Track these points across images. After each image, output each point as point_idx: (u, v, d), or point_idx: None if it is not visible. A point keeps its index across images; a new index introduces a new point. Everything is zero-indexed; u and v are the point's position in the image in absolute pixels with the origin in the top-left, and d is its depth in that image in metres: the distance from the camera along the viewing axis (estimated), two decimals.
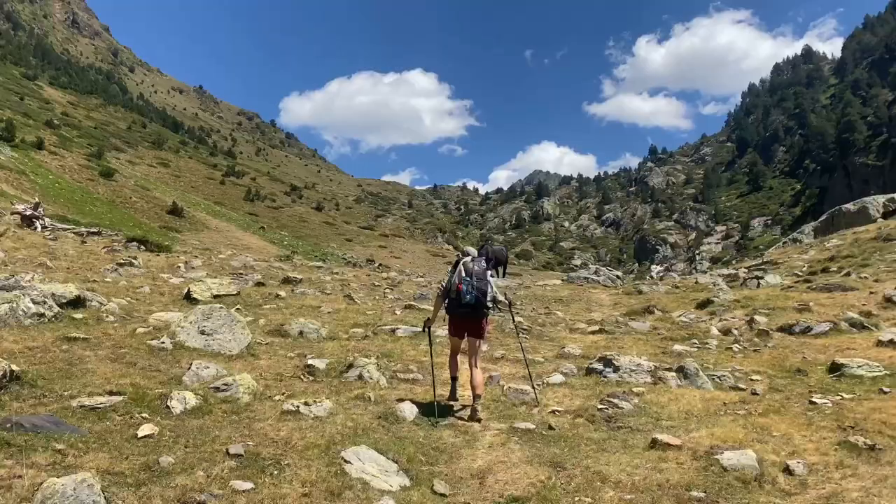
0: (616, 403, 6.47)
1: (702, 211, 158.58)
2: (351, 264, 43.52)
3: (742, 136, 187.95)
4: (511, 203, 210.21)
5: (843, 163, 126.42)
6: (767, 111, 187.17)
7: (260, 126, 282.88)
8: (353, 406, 6.24)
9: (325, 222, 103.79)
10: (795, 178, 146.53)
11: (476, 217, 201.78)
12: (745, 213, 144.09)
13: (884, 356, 8.78)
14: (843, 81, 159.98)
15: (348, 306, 12.64)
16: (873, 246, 20.10)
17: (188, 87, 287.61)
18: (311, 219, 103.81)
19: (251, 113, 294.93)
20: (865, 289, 14.00)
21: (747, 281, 17.28)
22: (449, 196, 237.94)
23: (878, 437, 5.45)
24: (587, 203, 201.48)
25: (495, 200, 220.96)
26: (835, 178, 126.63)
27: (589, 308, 15.17)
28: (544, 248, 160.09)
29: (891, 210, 27.26)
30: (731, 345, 10.13)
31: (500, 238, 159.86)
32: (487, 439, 5.68)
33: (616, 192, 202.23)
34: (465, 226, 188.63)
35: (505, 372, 8.23)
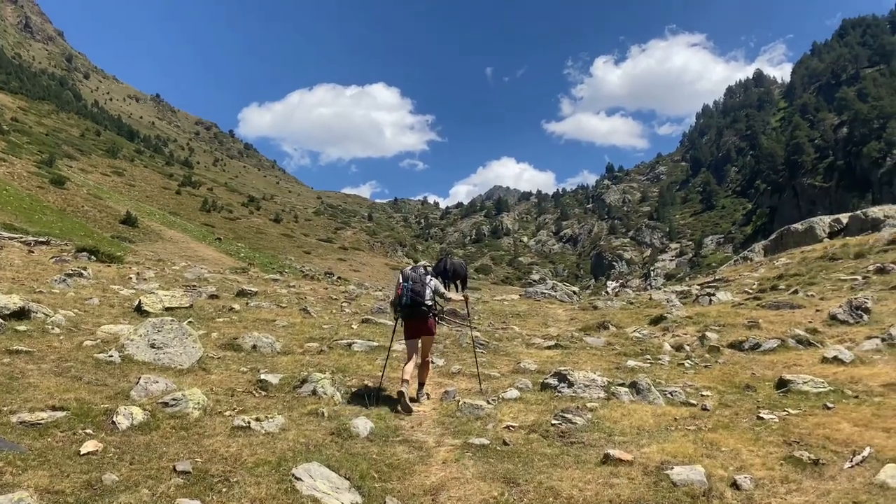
0: (570, 419, 6.51)
1: (657, 228, 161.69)
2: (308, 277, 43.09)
3: (696, 156, 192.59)
4: (471, 217, 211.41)
5: (792, 183, 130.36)
6: (720, 132, 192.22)
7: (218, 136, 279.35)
8: (306, 422, 6.15)
9: (284, 234, 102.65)
10: (747, 197, 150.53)
11: (436, 231, 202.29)
12: (698, 231, 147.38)
13: (828, 372, 9.04)
14: (792, 105, 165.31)
15: (304, 320, 12.50)
16: (820, 265, 20.74)
17: (145, 96, 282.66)
18: (269, 230, 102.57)
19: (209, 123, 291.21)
20: (812, 306, 14.42)
21: (700, 298, 17.64)
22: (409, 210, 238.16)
23: (822, 452, 5.59)
24: (546, 219, 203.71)
25: (455, 215, 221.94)
26: (784, 199, 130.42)
27: (545, 323, 15.29)
28: (503, 263, 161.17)
29: (836, 230, 28.18)
30: (683, 360, 10.31)
31: (460, 252, 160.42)
32: (441, 455, 5.66)
33: (574, 208, 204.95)
34: (426, 239, 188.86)
35: (461, 387, 8.23)
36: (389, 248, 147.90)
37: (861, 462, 5.32)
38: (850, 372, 9.02)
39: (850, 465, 5.29)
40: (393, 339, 9.11)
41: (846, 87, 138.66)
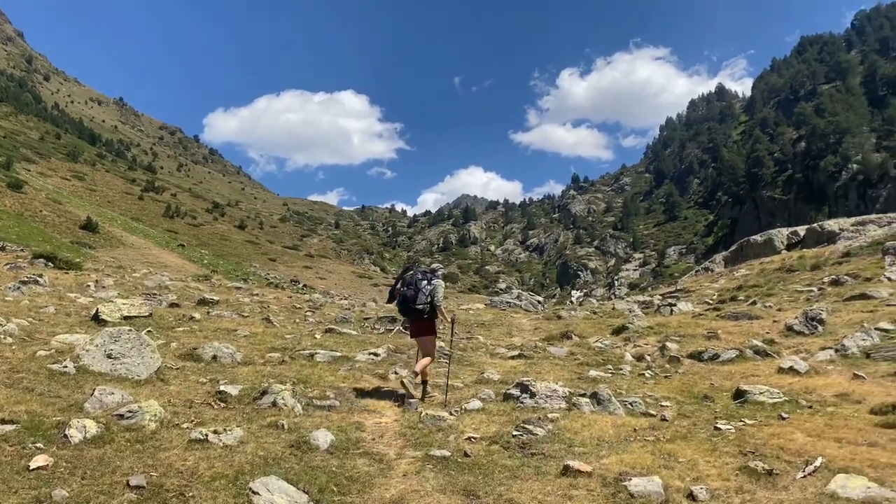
0: (531, 430, 6.54)
1: (621, 238, 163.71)
2: (273, 285, 42.70)
3: (659, 168, 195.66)
4: (439, 226, 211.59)
5: (753, 196, 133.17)
6: (683, 144, 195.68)
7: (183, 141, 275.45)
8: (265, 434, 6.08)
9: (248, 241, 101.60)
10: (708, 209, 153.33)
11: (404, 239, 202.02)
12: (661, 242, 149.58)
13: (784, 383, 9.24)
14: (752, 119, 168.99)
15: (266, 329, 12.37)
16: (777, 276, 21.21)
17: (108, 99, 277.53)
18: (234, 237, 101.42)
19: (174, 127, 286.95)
20: (769, 317, 14.73)
21: (661, 308, 17.89)
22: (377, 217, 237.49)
23: (776, 462, 5.70)
24: (513, 228, 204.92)
25: (423, 223, 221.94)
26: (744, 210, 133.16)
27: (510, 333, 15.34)
28: (470, 272, 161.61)
29: (794, 242, 28.86)
30: (643, 371, 10.43)
31: (428, 260, 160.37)
32: (402, 467, 5.64)
33: (540, 217, 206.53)
34: (393, 247, 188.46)
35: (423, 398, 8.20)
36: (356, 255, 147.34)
37: (813, 472, 5.44)
38: (804, 382, 9.23)
39: (803, 475, 5.41)
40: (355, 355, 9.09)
41: (804, 103, 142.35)
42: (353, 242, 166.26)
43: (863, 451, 5.97)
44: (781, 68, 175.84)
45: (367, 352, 10.57)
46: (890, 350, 10.29)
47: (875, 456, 5.81)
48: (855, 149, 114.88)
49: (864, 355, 10.41)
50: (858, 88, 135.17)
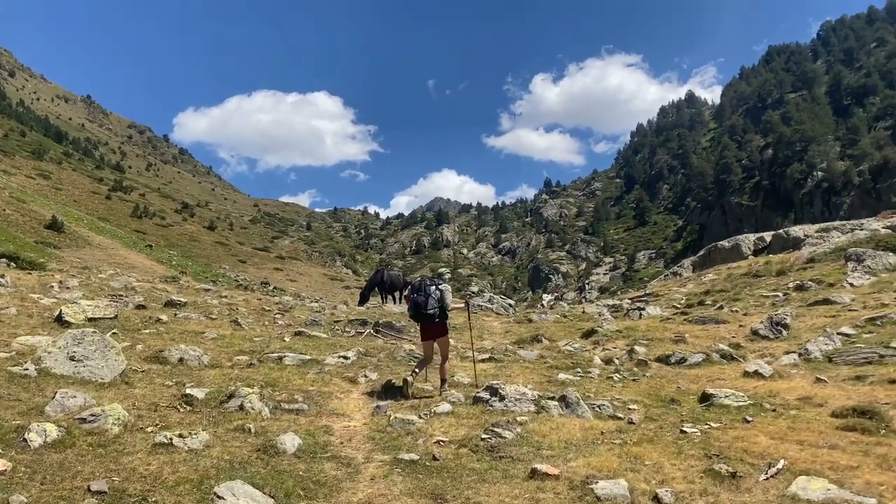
0: (499, 433, 6.56)
1: (592, 243, 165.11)
2: (243, 287, 42.26)
3: (630, 174, 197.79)
4: (412, 229, 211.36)
5: (721, 202, 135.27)
6: (654, 151, 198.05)
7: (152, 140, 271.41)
8: (232, 438, 6.00)
9: (218, 242, 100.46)
10: (678, 214, 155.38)
11: (376, 242, 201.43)
12: (631, 246, 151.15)
13: (749, 386, 9.39)
14: (721, 126, 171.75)
15: (234, 332, 12.22)
16: (744, 281, 21.56)
17: (75, 96, 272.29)
18: (203, 238, 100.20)
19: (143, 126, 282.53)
20: (735, 322, 14.97)
21: (630, 312, 18.07)
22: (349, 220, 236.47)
23: (740, 465, 5.79)
24: (485, 231, 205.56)
25: (396, 226, 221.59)
26: (713, 216, 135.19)
27: (481, 336, 15.37)
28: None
29: (760, 248, 29.35)
30: (612, 374, 10.53)
31: (400, 263, 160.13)
32: (370, 471, 5.61)
33: (513, 221, 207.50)
34: (365, 250, 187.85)
35: (394, 402, 8.17)
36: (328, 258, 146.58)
37: (775, 474, 5.53)
38: (769, 386, 9.39)
39: (766, 477, 5.49)
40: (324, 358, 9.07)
41: (771, 111, 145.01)
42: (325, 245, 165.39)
43: (823, 454, 6.08)
44: (750, 77, 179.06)
45: (336, 355, 10.50)
46: (851, 354, 10.52)
47: (835, 458, 5.93)
48: (820, 157, 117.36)
49: (827, 359, 10.63)
50: (824, 98, 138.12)
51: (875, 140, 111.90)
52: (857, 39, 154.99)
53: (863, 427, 6.97)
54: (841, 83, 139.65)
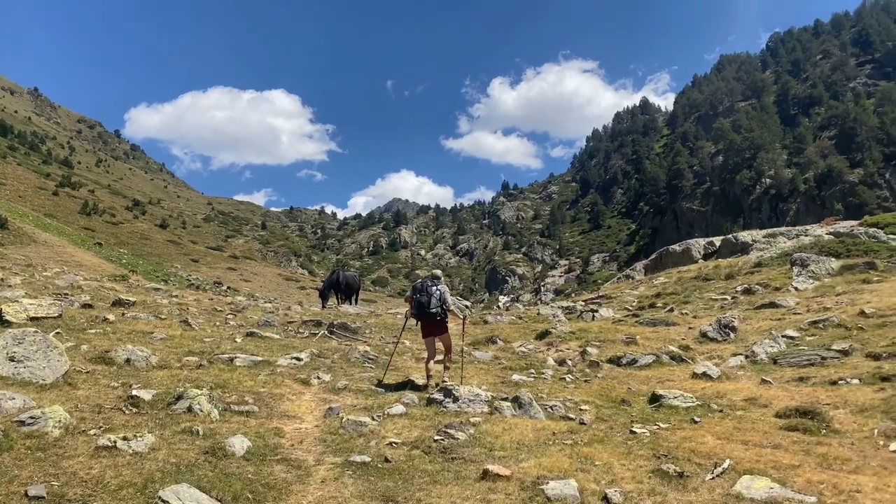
0: (452, 434, 6.56)
1: (548, 245, 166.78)
2: (195, 287, 41.45)
3: (585, 178, 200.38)
4: (369, 229, 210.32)
5: (673, 206, 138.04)
6: (608, 155, 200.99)
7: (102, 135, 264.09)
8: (179, 441, 5.86)
9: (170, 241, 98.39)
10: (631, 218, 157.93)
11: (333, 242, 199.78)
12: (586, 249, 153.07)
13: (697, 387, 9.60)
14: (674, 132, 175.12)
15: (184, 332, 11.96)
16: (694, 284, 22.02)
17: (21, 89, 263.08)
18: (155, 236, 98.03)
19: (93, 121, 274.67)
20: (685, 324, 15.28)
21: (584, 314, 18.28)
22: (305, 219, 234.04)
23: (687, 465, 5.90)
24: (443, 233, 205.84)
25: (353, 226, 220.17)
26: (665, 220, 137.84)
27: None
28: (400, 276, 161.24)
29: (710, 252, 30.01)
30: (564, 375, 10.64)
31: (357, 264, 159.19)
32: (321, 474, 5.54)
33: (471, 223, 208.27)
34: (322, 250, 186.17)
35: (346, 403, 8.10)
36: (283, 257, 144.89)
37: (721, 474, 5.66)
38: (716, 387, 9.61)
39: (712, 476, 5.61)
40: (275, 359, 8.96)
41: (722, 119, 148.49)
42: (280, 244, 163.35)
43: (767, 453, 6.25)
44: (702, 85, 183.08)
45: (289, 356, 10.37)
46: (795, 356, 10.83)
47: (778, 457, 6.09)
48: (768, 164, 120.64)
49: (772, 361, 10.93)
50: (772, 107, 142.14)
51: (820, 149, 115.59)
52: (804, 51, 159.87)
53: (805, 427, 7.19)
54: (788, 93, 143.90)
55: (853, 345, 10.94)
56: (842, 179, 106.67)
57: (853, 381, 9.14)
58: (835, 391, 8.83)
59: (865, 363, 9.98)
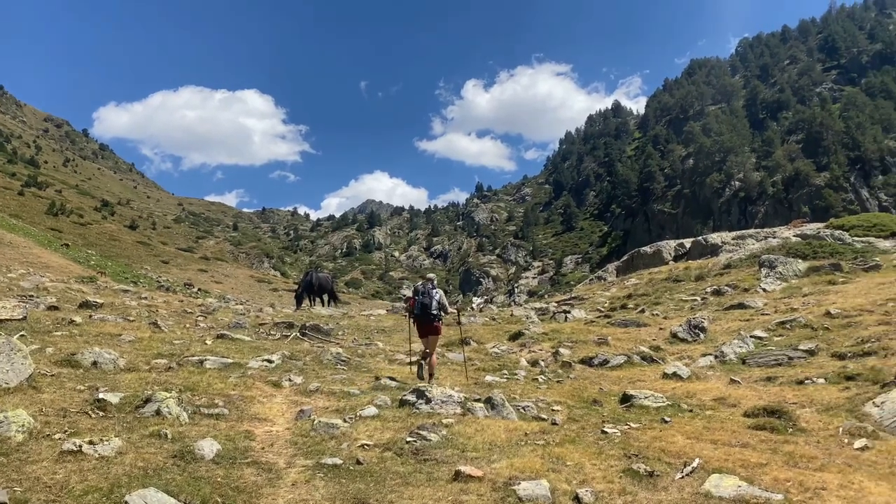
0: (425, 436, 6.55)
1: (521, 247, 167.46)
2: (165, 288, 40.90)
3: (558, 180, 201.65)
4: (342, 231, 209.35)
5: (644, 209, 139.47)
6: (581, 158, 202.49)
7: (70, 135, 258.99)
8: (147, 444, 5.77)
9: (140, 242, 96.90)
10: (603, 220, 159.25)
11: (306, 243, 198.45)
12: (559, 251, 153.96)
13: (667, 387, 9.71)
14: (645, 135, 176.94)
15: (153, 334, 11.79)
16: (665, 286, 22.28)
17: None
18: (124, 238, 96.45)
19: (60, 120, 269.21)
20: (656, 325, 15.45)
21: (556, 315, 18.40)
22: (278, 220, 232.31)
23: (657, 464, 5.96)
24: (417, 234, 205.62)
25: (327, 227, 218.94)
26: (636, 223, 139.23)
27: (410, 339, 15.34)
28: (374, 277, 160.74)
29: (680, 254, 30.39)
30: (537, 375, 10.69)
31: (330, 266, 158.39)
32: (291, 477, 5.49)
33: (445, 225, 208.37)
34: (295, 252, 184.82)
35: (318, 405, 8.04)
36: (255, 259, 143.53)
37: (690, 473, 5.72)
38: (686, 387, 9.73)
39: (681, 476, 5.67)
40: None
41: (693, 122, 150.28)
42: (252, 246, 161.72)
43: (736, 452, 6.33)
44: (673, 89, 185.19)
45: (260, 358, 10.27)
46: (763, 356, 11.02)
47: (746, 456, 6.18)
48: (737, 167, 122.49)
49: (741, 361, 11.10)
50: (741, 111, 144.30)
51: (787, 152, 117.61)
52: (772, 56, 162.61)
53: (772, 426, 7.31)
54: (757, 97, 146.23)
55: (819, 345, 11.15)
56: (808, 183, 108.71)
57: (819, 380, 9.32)
58: (801, 390, 9.00)
59: (831, 363, 10.18)
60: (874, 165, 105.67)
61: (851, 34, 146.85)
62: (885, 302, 13.26)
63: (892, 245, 22.25)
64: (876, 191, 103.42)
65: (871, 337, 10.85)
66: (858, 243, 22.81)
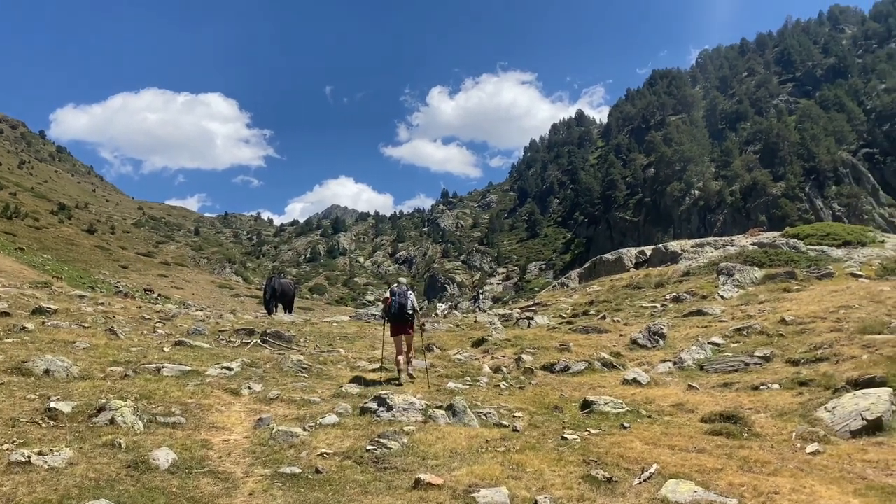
0: (385, 444, 6.51)
1: (486, 253, 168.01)
2: (123, 294, 40.06)
3: (523, 187, 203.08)
4: (307, 236, 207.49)
5: (607, 216, 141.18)
6: (545, 166, 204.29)
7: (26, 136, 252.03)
8: (99, 454, 5.63)
9: (98, 246, 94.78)
10: (567, 227, 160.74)
11: (269, 249, 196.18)
12: (523, 258, 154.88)
13: (627, 393, 9.82)
14: (608, 144, 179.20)
15: (109, 341, 11.51)
16: (626, 292, 22.56)
17: None
18: (82, 242, 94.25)
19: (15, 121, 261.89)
20: (617, 331, 15.62)
21: (520, 321, 18.49)
22: (241, 225, 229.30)
23: (615, 470, 6.02)
24: (382, 240, 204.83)
25: (290, 232, 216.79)
26: (599, 230, 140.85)
27: (373, 346, 15.25)
28: (338, 283, 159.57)
29: (641, 261, 30.79)
30: (499, 382, 10.72)
31: (294, 271, 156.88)
32: (249, 486, 5.42)
33: (410, 231, 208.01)
34: (257, 257, 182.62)
35: (278, 413, 7.95)
36: (217, 264, 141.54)
37: (648, 478, 5.79)
38: (645, 393, 9.86)
39: (639, 481, 5.74)
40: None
41: (654, 132, 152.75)
42: (214, 251, 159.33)
43: (692, 458, 6.43)
44: (635, 98, 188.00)
45: (219, 366, 10.10)
46: (720, 363, 11.22)
47: (703, 462, 6.28)
48: (697, 177, 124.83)
49: (699, 367, 11.29)
50: (701, 121, 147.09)
51: (745, 162, 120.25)
52: (731, 68, 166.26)
53: (728, 432, 7.44)
54: (716, 108, 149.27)
55: (774, 351, 11.40)
56: (766, 192, 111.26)
57: (774, 386, 9.52)
58: (757, 396, 9.18)
59: (785, 369, 10.42)
60: (828, 176, 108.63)
61: (806, 48, 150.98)
62: (836, 309, 13.61)
63: (844, 254, 22.88)
64: (829, 200, 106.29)
65: (824, 343, 11.13)
66: (812, 252, 23.41)
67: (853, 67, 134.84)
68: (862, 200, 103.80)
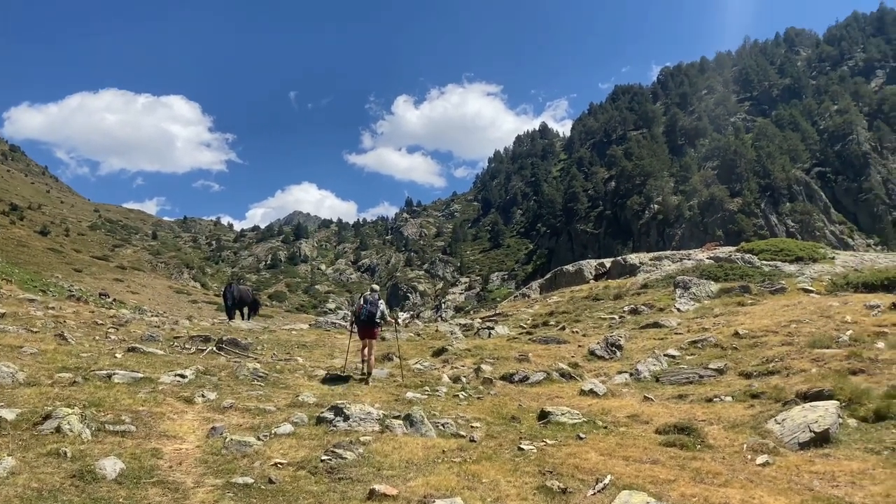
0: (340, 454, 6.45)
1: (449, 262, 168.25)
2: (76, 298, 39.00)
3: (486, 198, 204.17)
4: (267, 242, 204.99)
5: (568, 228, 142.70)
6: (509, 177, 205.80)
7: None
8: (44, 464, 5.46)
9: (51, 249, 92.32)
10: (529, 238, 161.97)
11: (229, 254, 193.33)
12: (486, 268, 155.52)
13: (584, 404, 9.90)
14: (570, 157, 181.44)
15: (59, 347, 11.20)
16: (585, 304, 22.78)
17: None
18: (34, 244, 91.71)
19: None
20: (575, 342, 15.75)
21: (480, 331, 18.52)
22: (200, 230, 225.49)
23: (570, 481, 6.06)
24: (345, 248, 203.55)
25: (251, 238, 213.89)
26: (560, 242, 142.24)
27: (331, 354, 15.12)
28: (299, 290, 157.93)
29: (601, 273, 31.15)
30: (458, 392, 10.70)
31: (254, 278, 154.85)
32: (199, 496, 5.30)
33: (373, 238, 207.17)
34: (216, 262, 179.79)
35: (232, 423, 7.80)
36: (175, 269, 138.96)
37: (602, 489, 5.84)
38: (602, 404, 9.95)
39: (593, 492, 5.78)
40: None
41: (615, 146, 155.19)
42: (172, 255, 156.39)
43: (646, 469, 6.50)
44: (597, 113, 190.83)
45: (173, 373, 9.89)
46: (675, 375, 11.39)
47: (656, 473, 6.35)
48: (656, 191, 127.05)
49: (655, 379, 11.44)
50: (661, 137, 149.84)
51: (703, 178, 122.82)
52: (691, 85, 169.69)
53: (682, 443, 7.55)
54: (676, 124, 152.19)
55: (728, 364, 11.62)
56: (723, 207, 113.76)
57: (727, 398, 9.70)
58: (710, 408, 9.34)
59: (738, 381, 10.63)
60: (782, 193, 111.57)
61: (763, 68, 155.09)
62: (788, 323, 13.95)
63: (796, 269, 23.47)
64: (784, 217, 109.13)
65: (775, 357, 11.39)
66: (766, 267, 23.96)
67: (807, 88, 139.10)
68: (814, 218, 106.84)
